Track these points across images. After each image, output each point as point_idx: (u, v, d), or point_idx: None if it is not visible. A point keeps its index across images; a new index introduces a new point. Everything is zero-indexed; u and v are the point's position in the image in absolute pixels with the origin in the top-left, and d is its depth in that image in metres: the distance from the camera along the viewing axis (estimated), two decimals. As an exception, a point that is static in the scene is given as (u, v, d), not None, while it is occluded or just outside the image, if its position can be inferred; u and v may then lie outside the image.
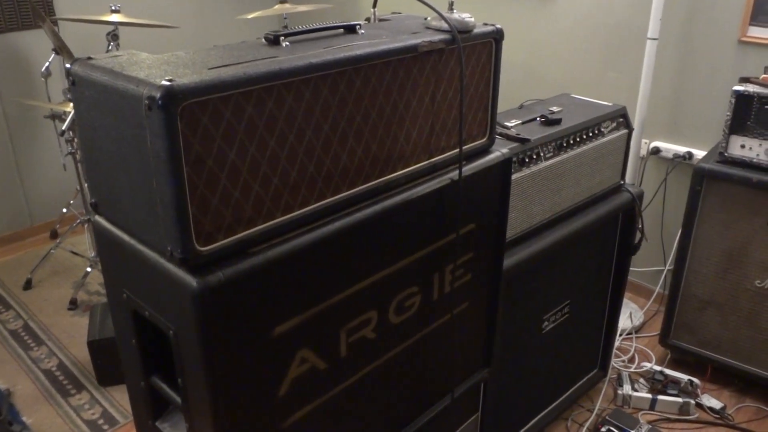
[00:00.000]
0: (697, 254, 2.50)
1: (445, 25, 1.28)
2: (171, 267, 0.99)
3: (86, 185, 2.82)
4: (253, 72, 0.95)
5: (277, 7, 3.07)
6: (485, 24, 1.36)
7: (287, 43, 1.13)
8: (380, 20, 1.42)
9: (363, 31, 1.25)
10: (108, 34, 2.89)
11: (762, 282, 2.40)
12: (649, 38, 2.56)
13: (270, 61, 1.00)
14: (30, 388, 2.55)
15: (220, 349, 1.02)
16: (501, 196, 1.56)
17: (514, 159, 1.76)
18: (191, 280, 0.96)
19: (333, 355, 1.24)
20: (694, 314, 2.58)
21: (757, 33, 2.49)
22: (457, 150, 1.39)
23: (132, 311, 1.15)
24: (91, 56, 1.03)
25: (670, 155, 2.85)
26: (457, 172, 1.37)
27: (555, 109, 2.06)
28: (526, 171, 1.79)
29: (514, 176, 1.75)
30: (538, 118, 1.97)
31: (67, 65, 1.03)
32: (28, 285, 3.24)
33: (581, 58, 3.03)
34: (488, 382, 1.82)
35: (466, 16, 1.28)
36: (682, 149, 2.82)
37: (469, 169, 1.41)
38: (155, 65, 0.98)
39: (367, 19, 1.42)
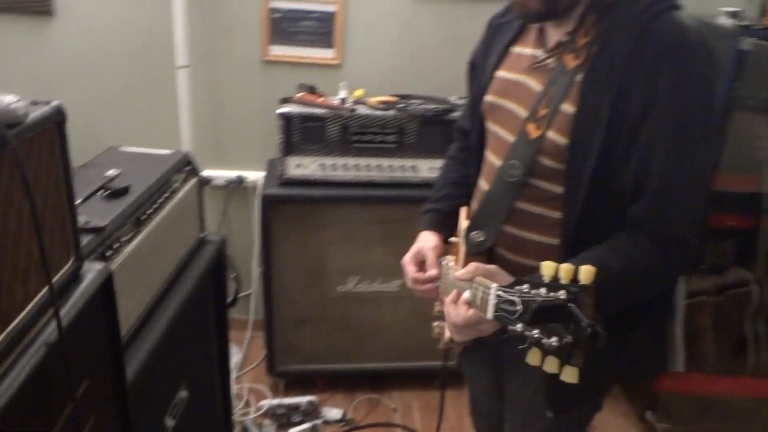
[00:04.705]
0: (280, 277, 2.47)
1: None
2: None
3: None
4: None
5: None
6: (34, 103, 0.90)
7: None
8: None
9: None
10: None
11: (343, 287, 2.51)
12: (180, 66, 2.31)
13: None
14: None
15: None
16: (109, 325, 1.13)
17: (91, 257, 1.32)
18: None
19: None
20: (292, 334, 2.56)
21: (278, 51, 2.51)
22: (43, 295, 0.91)
23: None
24: None
25: (222, 182, 2.71)
26: (49, 330, 0.90)
27: (113, 173, 1.64)
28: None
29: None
30: (99, 192, 1.53)
31: None
32: None
33: (103, 94, 2.56)
34: None
35: (12, 100, 0.80)
36: (233, 174, 2.70)
37: (66, 315, 0.94)
38: None
39: None
